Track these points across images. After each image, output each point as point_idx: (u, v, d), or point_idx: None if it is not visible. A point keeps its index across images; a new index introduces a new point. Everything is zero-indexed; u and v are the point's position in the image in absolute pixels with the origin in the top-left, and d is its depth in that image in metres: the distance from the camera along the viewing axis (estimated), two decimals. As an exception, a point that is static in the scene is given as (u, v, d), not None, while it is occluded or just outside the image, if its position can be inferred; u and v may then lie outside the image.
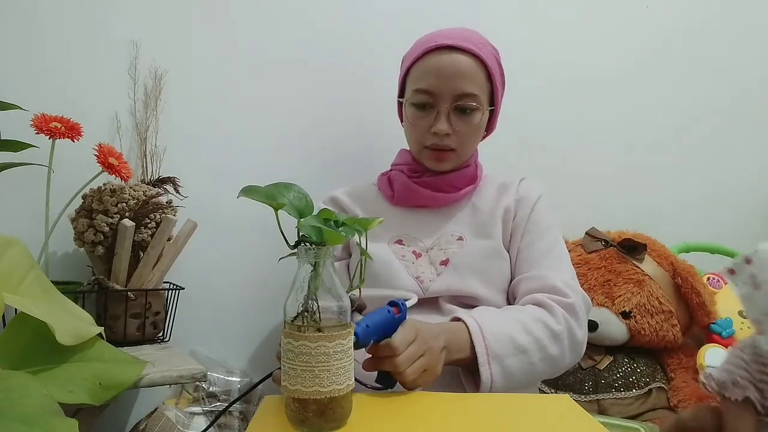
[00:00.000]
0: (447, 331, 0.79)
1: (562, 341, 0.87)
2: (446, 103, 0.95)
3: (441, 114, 0.96)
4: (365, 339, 0.67)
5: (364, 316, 0.70)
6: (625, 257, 1.34)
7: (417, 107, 0.98)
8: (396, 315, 0.72)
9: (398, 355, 0.69)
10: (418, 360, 0.71)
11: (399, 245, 1.00)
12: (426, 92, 0.96)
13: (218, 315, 1.23)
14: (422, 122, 0.98)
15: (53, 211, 0.94)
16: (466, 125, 0.98)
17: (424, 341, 0.73)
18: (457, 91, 0.95)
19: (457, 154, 1.00)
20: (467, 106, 0.96)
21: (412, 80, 1.00)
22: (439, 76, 0.95)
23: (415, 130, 1.00)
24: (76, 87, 1.09)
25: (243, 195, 0.58)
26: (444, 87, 0.95)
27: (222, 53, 1.22)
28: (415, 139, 1.01)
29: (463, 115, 0.97)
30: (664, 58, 1.62)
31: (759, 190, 1.69)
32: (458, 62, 0.95)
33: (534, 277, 0.94)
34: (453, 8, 1.41)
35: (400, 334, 0.71)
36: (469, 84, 0.95)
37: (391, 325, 0.71)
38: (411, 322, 0.74)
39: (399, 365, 0.69)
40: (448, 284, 0.95)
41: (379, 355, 0.70)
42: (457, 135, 0.97)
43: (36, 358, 0.71)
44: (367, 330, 0.67)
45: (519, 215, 1.01)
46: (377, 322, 0.69)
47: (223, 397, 1.10)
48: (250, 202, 0.60)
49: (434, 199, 1.02)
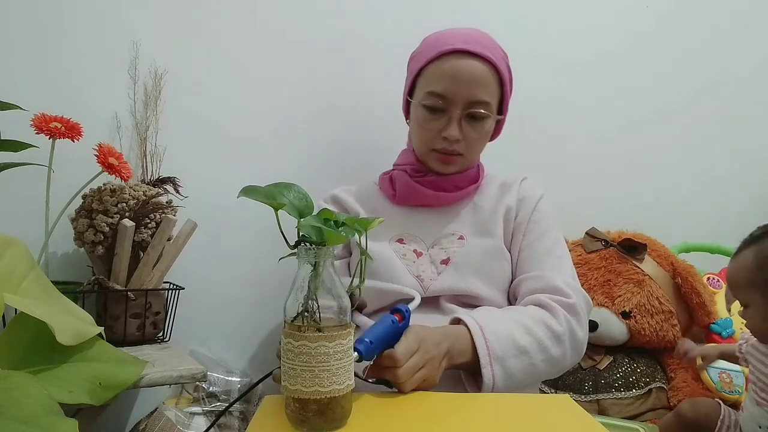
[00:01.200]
0: (449, 337, 0.79)
1: (564, 342, 0.86)
2: (458, 109, 0.95)
3: (453, 119, 0.95)
4: (369, 356, 0.66)
5: (367, 329, 0.69)
6: (625, 257, 1.35)
7: (428, 110, 0.97)
8: (400, 323, 0.72)
9: (399, 367, 0.69)
10: (419, 371, 0.71)
11: (400, 244, 1.00)
12: (439, 96, 0.95)
13: (218, 315, 1.23)
14: (432, 125, 0.97)
15: (53, 211, 0.94)
16: (476, 132, 0.97)
17: (427, 350, 0.73)
18: (470, 98, 0.94)
19: (464, 159, 1.00)
20: (479, 114, 0.96)
21: (425, 81, 0.98)
22: (454, 81, 0.94)
23: (425, 133, 0.99)
24: (76, 87, 1.09)
25: (243, 195, 0.58)
26: (458, 92, 0.94)
27: (222, 53, 1.22)
28: (424, 141, 1.00)
29: (474, 122, 0.97)
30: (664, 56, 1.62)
31: (759, 190, 1.70)
32: (474, 69, 0.94)
33: (535, 277, 0.94)
34: (452, 7, 1.41)
35: (403, 344, 0.70)
36: (483, 92, 0.95)
37: (395, 335, 0.71)
38: (414, 330, 0.74)
39: (399, 377, 0.69)
40: (448, 283, 0.95)
41: (381, 365, 0.70)
42: (466, 141, 0.97)
43: (36, 358, 0.71)
44: (370, 346, 0.66)
45: (520, 215, 1.01)
46: (380, 337, 0.68)
47: (223, 397, 1.10)
48: (250, 202, 0.60)
49: (436, 198, 1.02)
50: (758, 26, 1.70)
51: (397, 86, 1.08)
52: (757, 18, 1.69)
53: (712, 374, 1.23)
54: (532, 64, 1.44)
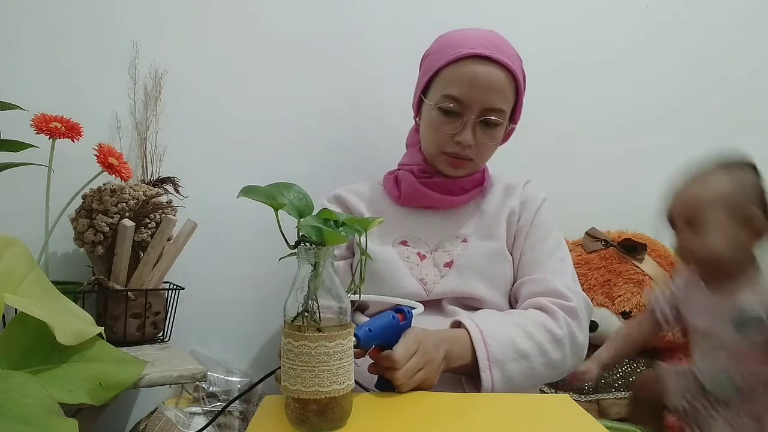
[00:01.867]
0: (447, 340, 0.79)
1: (564, 346, 0.87)
2: (473, 115, 0.94)
3: (467, 124, 0.95)
4: (366, 342, 0.67)
5: (369, 320, 0.70)
6: (625, 257, 1.34)
7: (443, 113, 0.96)
8: (401, 322, 0.72)
9: (398, 368, 0.69)
10: (417, 373, 0.72)
11: (404, 246, 1.00)
12: (455, 100, 0.94)
13: (218, 315, 1.22)
14: (446, 128, 0.96)
15: (53, 211, 0.94)
16: (489, 138, 0.97)
17: (426, 352, 0.73)
18: (486, 105, 0.94)
19: (474, 163, 1.00)
20: (493, 121, 0.95)
21: (441, 83, 0.97)
22: (471, 86, 0.93)
23: (437, 135, 0.98)
24: (76, 87, 1.09)
25: (243, 195, 0.58)
26: (475, 98, 0.93)
27: (222, 53, 1.22)
28: (435, 144, 0.99)
29: (488, 129, 0.96)
30: (663, 55, 1.62)
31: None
32: (493, 76, 0.93)
33: (536, 280, 0.94)
34: (452, 7, 1.41)
35: (402, 346, 0.71)
36: (499, 99, 0.94)
37: (395, 331, 0.71)
38: (414, 331, 0.74)
39: (398, 379, 0.69)
40: (451, 286, 0.95)
41: (380, 364, 0.71)
42: (478, 146, 0.97)
43: (36, 358, 0.71)
44: (369, 334, 0.67)
45: (523, 218, 1.01)
46: (380, 327, 0.69)
47: (223, 397, 1.10)
48: (250, 202, 0.60)
49: (442, 201, 1.02)
50: (758, 26, 1.69)
51: (398, 86, 1.08)
52: (757, 18, 1.69)
53: (712, 374, 1.22)
54: (532, 65, 1.43)
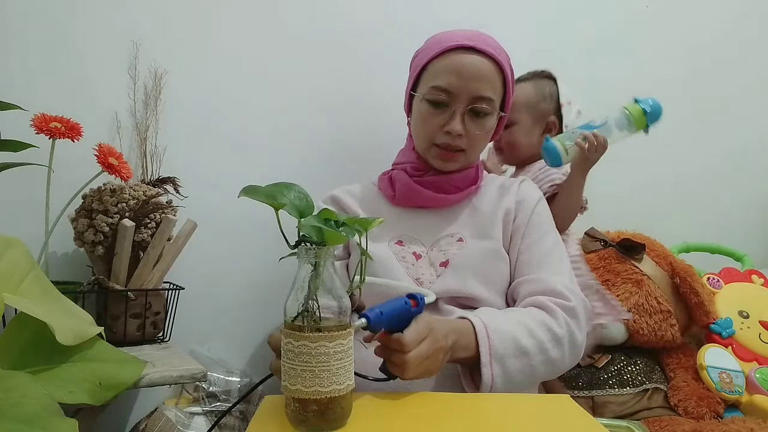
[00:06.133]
0: (455, 331, 0.79)
1: (563, 344, 0.87)
2: (462, 104, 0.95)
3: (456, 114, 0.96)
4: (376, 325, 0.66)
5: (382, 303, 0.69)
6: (623, 257, 1.34)
7: (432, 104, 0.97)
8: (413, 308, 0.71)
9: (407, 351, 0.68)
10: (424, 361, 0.71)
11: (399, 246, 1.00)
12: (444, 90, 0.95)
13: (218, 315, 1.23)
14: (436, 120, 0.97)
15: (53, 211, 0.94)
16: (479, 128, 0.98)
17: (435, 340, 0.73)
18: (474, 93, 0.95)
19: (465, 156, 1.00)
20: (482, 110, 0.96)
21: (429, 76, 0.98)
22: (459, 76, 0.94)
23: (427, 127, 0.99)
24: (76, 87, 1.09)
25: (243, 195, 0.58)
26: (463, 87, 0.94)
27: (222, 53, 1.22)
28: (425, 136, 1.00)
29: (477, 118, 0.97)
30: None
31: (760, 191, 1.70)
32: (479, 64, 0.94)
33: (535, 279, 0.94)
34: (453, 7, 1.41)
35: (413, 330, 0.70)
36: (487, 87, 0.95)
37: (406, 317, 0.70)
38: (425, 318, 0.74)
39: (405, 363, 0.68)
40: (447, 286, 0.95)
41: (389, 346, 0.70)
42: (468, 137, 0.97)
43: (36, 358, 0.71)
44: (380, 316, 0.66)
45: (519, 217, 1.01)
46: (391, 311, 0.68)
47: (223, 397, 1.10)
48: (250, 202, 0.60)
49: (436, 200, 1.02)
50: (758, 24, 1.70)
51: (398, 86, 1.08)
52: (757, 17, 1.69)
53: (712, 374, 1.22)
54: (531, 64, 1.44)
